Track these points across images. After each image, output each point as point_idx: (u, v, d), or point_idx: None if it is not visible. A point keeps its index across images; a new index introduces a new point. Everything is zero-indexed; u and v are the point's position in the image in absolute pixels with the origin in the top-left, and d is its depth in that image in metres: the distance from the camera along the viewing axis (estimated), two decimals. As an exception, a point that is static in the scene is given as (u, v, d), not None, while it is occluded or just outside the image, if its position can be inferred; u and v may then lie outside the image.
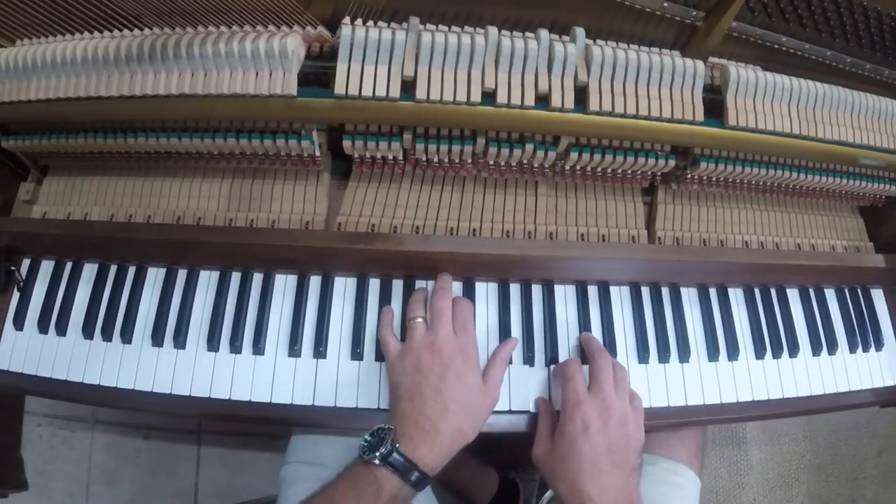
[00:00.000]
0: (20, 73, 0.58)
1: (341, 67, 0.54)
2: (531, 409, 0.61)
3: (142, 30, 0.59)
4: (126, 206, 0.68)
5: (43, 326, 0.64)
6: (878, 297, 0.76)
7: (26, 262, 0.67)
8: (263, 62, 0.54)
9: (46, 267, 0.67)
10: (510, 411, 0.60)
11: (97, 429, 1.26)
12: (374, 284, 0.64)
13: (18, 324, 0.64)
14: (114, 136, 0.63)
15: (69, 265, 0.67)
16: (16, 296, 0.66)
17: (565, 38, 0.58)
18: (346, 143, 0.60)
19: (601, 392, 0.55)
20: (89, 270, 0.66)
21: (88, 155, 0.67)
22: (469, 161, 0.63)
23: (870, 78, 0.71)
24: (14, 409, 1.21)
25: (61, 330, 0.64)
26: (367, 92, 0.54)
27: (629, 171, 0.66)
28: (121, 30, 0.59)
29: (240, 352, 0.61)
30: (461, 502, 1.10)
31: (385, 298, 0.63)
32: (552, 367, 0.62)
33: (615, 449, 0.53)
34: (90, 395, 0.62)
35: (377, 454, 0.49)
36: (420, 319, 0.58)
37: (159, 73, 0.55)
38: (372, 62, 0.54)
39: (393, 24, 0.57)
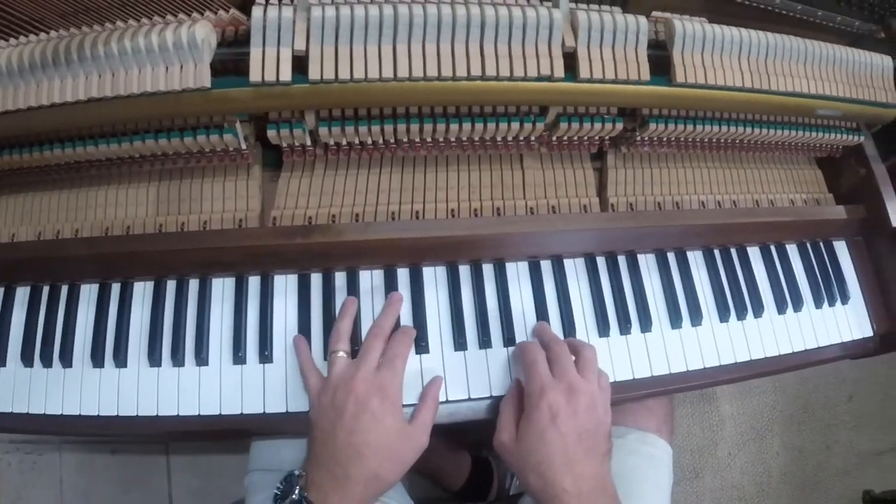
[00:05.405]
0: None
1: (255, 52, 0.50)
2: (492, 393, 0.58)
3: (48, 34, 0.55)
4: (53, 222, 0.64)
5: (-20, 359, 0.60)
6: (842, 249, 0.74)
7: (-44, 294, 0.63)
8: (172, 55, 0.50)
9: (-23, 296, 0.63)
10: (469, 399, 0.58)
11: (64, 449, 1.23)
12: (315, 280, 0.61)
13: (-46, 358, 0.61)
14: (29, 150, 0.59)
15: (1, 291, 0.63)
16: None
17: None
18: (271, 133, 0.57)
19: (566, 376, 0.52)
20: (22, 294, 0.62)
21: (7, 172, 0.63)
22: (406, 140, 0.60)
23: (822, 25, 0.68)
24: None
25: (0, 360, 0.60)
26: (285, 77, 0.50)
27: (575, 138, 0.63)
28: (27, 36, 0.55)
29: (183, 364, 0.58)
30: (434, 486, 1.08)
31: (328, 294, 0.60)
32: (510, 348, 0.60)
33: (586, 435, 0.50)
34: (38, 424, 0.58)
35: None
36: (342, 353, 0.54)
37: (65, 78, 0.51)
38: (288, 44, 0.50)
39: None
